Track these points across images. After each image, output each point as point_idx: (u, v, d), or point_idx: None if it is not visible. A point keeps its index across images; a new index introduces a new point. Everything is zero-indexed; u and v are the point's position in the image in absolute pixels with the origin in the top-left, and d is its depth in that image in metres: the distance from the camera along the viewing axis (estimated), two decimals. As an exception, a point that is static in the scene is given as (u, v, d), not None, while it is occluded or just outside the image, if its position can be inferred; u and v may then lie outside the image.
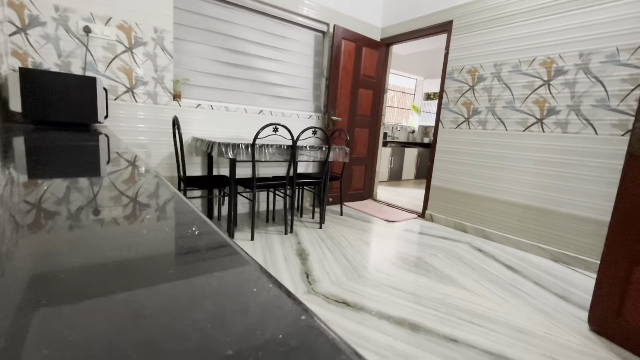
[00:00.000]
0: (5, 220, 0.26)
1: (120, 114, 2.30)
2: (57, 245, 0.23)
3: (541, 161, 2.41)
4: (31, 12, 1.93)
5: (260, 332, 0.15)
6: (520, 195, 2.54)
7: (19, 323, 0.13)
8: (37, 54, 1.98)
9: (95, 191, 0.42)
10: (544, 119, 2.39)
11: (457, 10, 2.93)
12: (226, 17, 2.76)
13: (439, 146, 3.14)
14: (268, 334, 0.15)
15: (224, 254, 0.23)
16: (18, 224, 0.25)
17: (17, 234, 0.24)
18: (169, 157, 2.55)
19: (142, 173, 0.59)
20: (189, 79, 2.63)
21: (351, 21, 3.46)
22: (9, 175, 0.48)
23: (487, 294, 1.77)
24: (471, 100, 2.86)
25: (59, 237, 0.25)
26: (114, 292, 0.17)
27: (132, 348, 0.13)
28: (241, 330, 0.15)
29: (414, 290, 1.77)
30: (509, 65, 2.58)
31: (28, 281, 0.17)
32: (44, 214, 0.30)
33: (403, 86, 6.54)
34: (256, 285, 0.19)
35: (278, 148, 2.35)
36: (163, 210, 0.36)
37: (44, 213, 0.30)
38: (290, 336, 0.15)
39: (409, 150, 6.00)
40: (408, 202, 4.03)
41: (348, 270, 1.96)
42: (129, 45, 2.27)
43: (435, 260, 2.20)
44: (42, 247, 0.23)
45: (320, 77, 3.46)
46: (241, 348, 0.14)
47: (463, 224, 2.93)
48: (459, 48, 2.93)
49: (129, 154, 0.85)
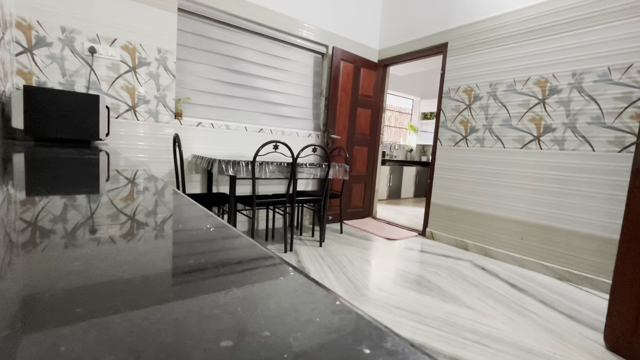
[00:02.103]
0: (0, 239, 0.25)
1: (121, 131, 2.31)
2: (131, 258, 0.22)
3: (540, 178, 2.42)
4: (38, 33, 1.98)
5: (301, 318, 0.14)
6: (521, 212, 2.53)
7: (9, 348, 0.12)
8: (42, 73, 2.01)
9: (115, 205, 0.41)
10: (541, 136, 2.42)
11: (452, 32, 3.03)
12: (228, 39, 2.84)
13: (438, 164, 3.16)
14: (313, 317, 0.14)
15: (268, 264, 0.23)
16: (13, 243, 0.24)
17: (15, 252, 0.23)
18: (168, 175, 2.55)
19: (157, 189, 0.59)
20: (191, 98, 2.67)
21: (349, 43, 3.57)
22: (7, 192, 0.47)
23: (493, 313, 1.73)
24: (468, 119, 2.90)
25: (97, 251, 0.24)
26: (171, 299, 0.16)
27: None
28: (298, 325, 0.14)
29: (418, 309, 1.72)
30: (504, 84, 2.64)
31: (25, 302, 0.15)
32: (55, 231, 0.29)
33: (400, 106, 6.67)
34: (303, 288, 0.19)
35: (278, 165, 2.36)
36: (203, 223, 0.35)
37: (48, 231, 0.29)
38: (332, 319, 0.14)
39: (407, 169, 6.03)
40: (408, 220, 4.01)
41: (349, 289, 1.92)
42: (132, 65, 2.31)
43: (438, 279, 2.16)
44: (67, 266, 0.21)
45: (320, 96, 3.52)
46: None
47: (464, 242, 2.90)
48: (454, 68, 3.01)
49: (141, 170, 0.84)
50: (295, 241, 2.81)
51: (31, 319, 0.14)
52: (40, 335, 0.13)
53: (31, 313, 0.14)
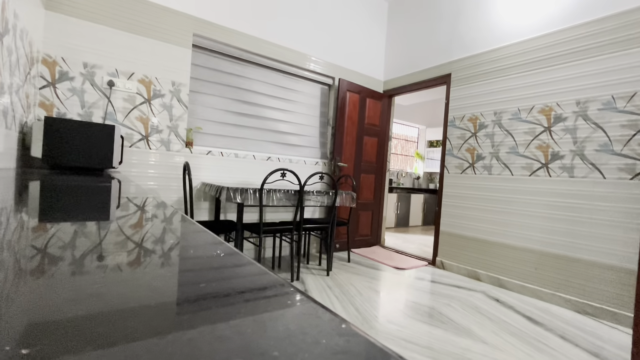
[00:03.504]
0: (10, 265, 0.25)
1: (133, 160, 2.38)
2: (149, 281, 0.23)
3: (551, 205, 2.38)
4: (62, 69, 2.10)
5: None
6: (533, 241, 2.46)
7: None
8: (62, 105, 2.11)
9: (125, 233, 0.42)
10: (549, 163, 2.41)
11: (455, 64, 3.12)
12: (239, 72, 2.98)
13: (446, 191, 3.14)
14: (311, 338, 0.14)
15: (278, 290, 0.23)
16: (22, 270, 0.25)
17: (25, 279, 0.23)
18: (177, 202, 2.58)
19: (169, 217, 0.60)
20: (202, 128, 2.76)
21: (355, 75, 3.70)
22: (20, 218, 0.48)
23: (510, 349, 1.63)
24: (474, 147, 2.91)
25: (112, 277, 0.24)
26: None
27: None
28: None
29: (429, 343, 1.64)
30: (508, 113, 2.68)
31: (33, 329, 0.15)
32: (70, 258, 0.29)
33: (406, 134, 6.75)
34: (310, 311, 0.19)
35: (285, 193, 2.37)
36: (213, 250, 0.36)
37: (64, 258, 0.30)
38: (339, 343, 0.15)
39: (415, 196, 5.99)
40: (417, 248, 3.92)
41: (357, 320, 1.85)
42: (148, 97, 2.42)
43: (450, 311, 2.08)
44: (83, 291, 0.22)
45: (327, 125, 3.60)
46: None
47: (476, 272, 2.81)
48: (458, 98, 3.07)
49: (151, 197, 0.86)
50: (302, 270, 2.76)
51: (54, 336, 0.14)
52: (66, 353, 0.13)
53: (55, 332, 0.15)
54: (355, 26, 3.69)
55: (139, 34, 2.36)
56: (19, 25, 1.55)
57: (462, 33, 3.09)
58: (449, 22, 3.22)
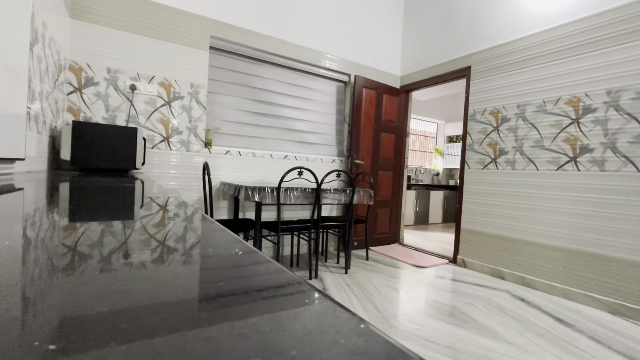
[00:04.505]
0: (44, 263, 0.26)
1: (155, 160, 2.45)
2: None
3: (580, 201, 2.27)
4: (87, 74, 2.20)
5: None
6: (561, 238, 2.36)
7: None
8: (88, 109, 2.21)
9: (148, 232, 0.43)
10: (578, 157, 2.30)
11: (474, 56, 3.03)
12: (255, 72, 3.01)
13: (467, 187, 3.05)
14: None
15: (295, 289, 0.23)
16: (54, 267, 0.26)
17: (65, 273, 0.24)
18: (197, 202, 2.64)
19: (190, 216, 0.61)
20: (220, 128, 2.81)
21: (371, 71, 3.66)
22: (52, 218, 0.50)
23: (537, 351, 1.57)
24: (497, 141, 2.82)
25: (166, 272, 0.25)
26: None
27: None
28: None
29: (451, 343, 1.61)
30: (533, 105, 2.57)
31: (66, 323, 0.16)
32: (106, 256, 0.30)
33: (424, 130, 6.63)
34: (328, 311, 0.19)
35: (303, 191, 2.38)
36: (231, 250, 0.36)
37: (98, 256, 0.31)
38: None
39: (434, 193, 5.87)
40: (437, 246, 3.85)
41: (377, 319, 1.83)
42: (168, 99, 2.49)
43: (473, 310, 2.02)
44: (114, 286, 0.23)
45: (343, 123, 3.58)
46: None
47: (500, 270, 2.73)
48: (479, 91, 2.98)
49: (173, 197, 0.88)
50: (320, 268, 2.77)
51: (81, 332, 0.15)
52: (90, 348, 0.14)
53: (81, 327, 0.15)
54: (370, 22, 3.65)
55: (159, 38, 2.43)
56: (47, 34, 1.62)
57: (481, 24, 2.99)
58: (467, 13, 3.12)
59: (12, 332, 0.14)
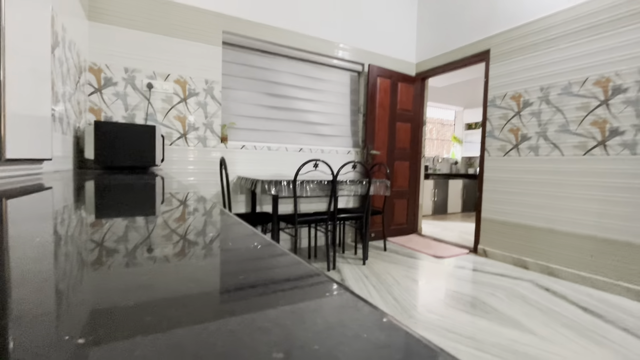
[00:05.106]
0: (74, 258, 0.27)
1: (173, 157, 2.51)
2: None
3: (609, 187, 2.17)
4: (106, 75, 2.26)
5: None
6: (588, 226, 2.26)
7: (90, 350, 0.13)
8: (108, 109, 2.27)
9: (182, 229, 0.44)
10: (607, 140, 2.19)
11: (494, 39, 2.91)
12: (268, 65, 3.00)
13: (487, 175, 2.97)
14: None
15: (315, 282, 0.23)
16: (83, 262, 0.26)
17: (93, 268, 0.25)
18: (216, 196, 2.69)
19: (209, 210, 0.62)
20: (235, 123, 2.83)
21: (385, 59, 3.58)
22: (79, 215, 0.52)
23: (563, 341, 1.53)
24: (518, 127, 2.72)
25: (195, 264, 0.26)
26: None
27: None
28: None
29: (473, 334, 1.58)
30: (557, 87, 2.45)
31: (99, 314, 0.17)
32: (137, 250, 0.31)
33: (442, 118, 6.46)
34: (349, 304, 0.19)
35: (319, 183, 2.38)
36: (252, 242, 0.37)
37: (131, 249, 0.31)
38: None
39: (453, 182, 5.74)
40: (457, 236, 3.78)
41: (396, 310, 1.83)
42: (183, 96, 2.53)
43: (495, 301, 1.99)
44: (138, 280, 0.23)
45: (357, 113, 3.54)
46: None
47: (523, 260, 2.65)
48: (499, 75, 2.87)
49: (192, 192, 0.90)
50: (338, 259, 2.78)
51: (108, 325, 0.15)
52: (117, 340, 0.14)
53: (109, 320, 0.16)
54: (383, 8, 3.56)
55: (172, 35, 2.46)
56: (67, 37, 1.67)
57: (500, 5, 2.85)
58: (486, -6, 2.99)
59: (44, 326, 0.15)
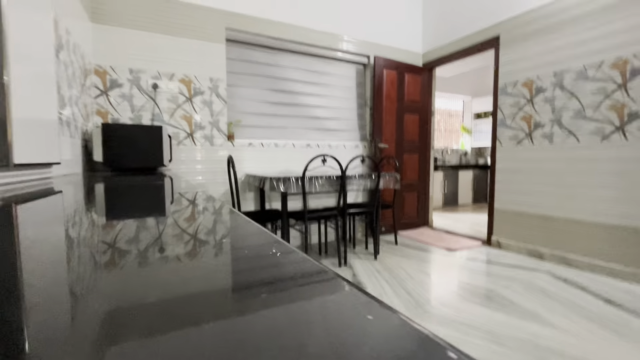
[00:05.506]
0: (87, 259, 0.28)
1: (181, 157, 2.50)
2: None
3: (629, 173, 2.09)
4: (111, 77, 2.25)
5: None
6: (606, 215, 2.19)
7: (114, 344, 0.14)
8: (115, 111, 2.27)
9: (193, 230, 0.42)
10: (626, 125, 2.10)
11: (503, 25, 2.82)
12: (272, 61, 2.97)
13: (499, 166, 2.90)
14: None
15: (324, 279, 0.23)
16: (97, 263, 0.27)
17: (119, 267, 0.26)
18: (225, 195, 2.69)
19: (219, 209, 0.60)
20: (241, 120, 2.81)
21: (391, 50, 3.51)
22: (91, 217, 0.51)
23: (585, 334, 1.48)
24: (531, 114, 2.64)
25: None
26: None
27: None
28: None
29: (490, 328, 1.55)
30: (571, 72, 2.37)
31: (116, 315, 0.17)
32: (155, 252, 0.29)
33: (450, 108, 6.35)
34: (361, 303, 0.19)
35: (327, 179, 2.35)
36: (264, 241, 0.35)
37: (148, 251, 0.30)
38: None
39: (463, 173, 5.65)
40: (469, 228, 3.72)
41: (410, 304, 1.80)
42: (189, 95, 2.51)
43: (511, 293, 1.94)
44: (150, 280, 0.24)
45: (364, 106, 3.49)
46: None
47: (538, 250, 2.59)
48: (509, 62, 2.78)
49: (200, 191, 0.88)
50: (349, 255, 2.76)
51: (128, 324, 0.16)
52: (137, 338, 0.15)
53: (128, 319, 0.16)
54: (387, -2, 3.48)
55: (175, 34, 2.44)
56: (71, 40, 1.66)
57: (510, -12, 2.76)
58: (494, -22, 2.89)
59: (61, 326, 0.15)
